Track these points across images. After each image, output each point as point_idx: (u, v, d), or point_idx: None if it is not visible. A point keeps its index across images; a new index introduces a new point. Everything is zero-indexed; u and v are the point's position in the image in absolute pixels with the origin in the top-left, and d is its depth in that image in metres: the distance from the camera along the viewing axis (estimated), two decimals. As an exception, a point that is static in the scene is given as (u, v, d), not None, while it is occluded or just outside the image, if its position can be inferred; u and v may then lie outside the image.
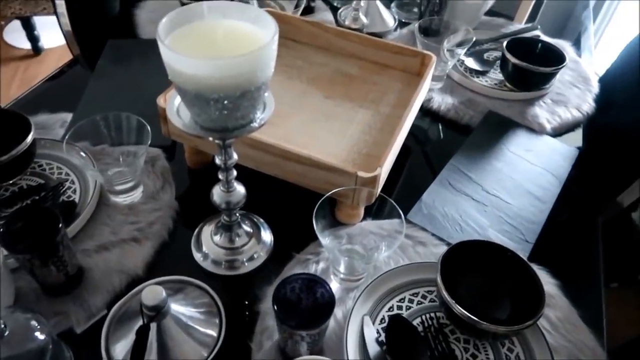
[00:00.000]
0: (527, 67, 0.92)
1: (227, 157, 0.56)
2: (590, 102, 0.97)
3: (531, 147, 0.86)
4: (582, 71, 1.04)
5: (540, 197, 0.78)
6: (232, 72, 0.43)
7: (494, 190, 0.78)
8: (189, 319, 0.54)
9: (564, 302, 0.64)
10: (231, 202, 0.60)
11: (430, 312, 0.61)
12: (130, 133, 0.70)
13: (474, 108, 0.92)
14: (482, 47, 1.06)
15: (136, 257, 0.64)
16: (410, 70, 0.86)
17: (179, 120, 0.50)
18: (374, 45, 0.86)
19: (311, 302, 0.53)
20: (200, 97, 0.45)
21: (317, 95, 0.81)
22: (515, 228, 0.73)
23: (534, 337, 0.58)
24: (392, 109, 0.80)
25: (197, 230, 0.68)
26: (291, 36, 0.91)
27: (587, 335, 0.61)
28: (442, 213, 0.73)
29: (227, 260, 0.65)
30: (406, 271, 0.64)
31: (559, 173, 0.82)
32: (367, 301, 0.61)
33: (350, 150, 0.72)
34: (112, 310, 0.56)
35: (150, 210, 0.69)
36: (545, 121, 0.91)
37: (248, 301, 0.62)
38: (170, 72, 0.45)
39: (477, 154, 0.84)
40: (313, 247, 0.67)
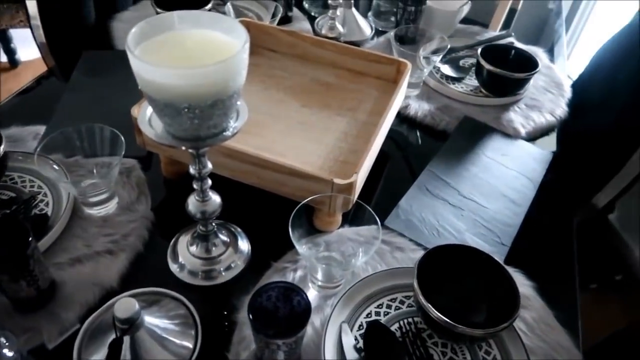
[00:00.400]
0: (501, 73, 0.93)
1: (201, 167, 0.55)
2: (564, 106, 0.99)
3: (506, 151, 0.87)
4: (555, 77, 1.06)
5: (516, 201, 0.79)
6: (202, 81, 0.43)
7: (471, 194, 0.79)
8: (164, 331, 0.54)
9: (540, 303, 0.65)
10: (207, 212, 0.60)
11: (408, 317, 0.61)
12: (104, 144, 0.69)
13: (450, 114, 0.93)
14: (457, 55, 1.08)
15: (110, 269, 0.63)
16: (386, 78, 0.87)
17: (150, 130, 0.50)
18: (350, 54, 0.87)
19: (287, 311, 0.52)
20: (170, 106, 0.44)
21: (294, 104, 0.81)
22: (491, 231, 0.73)
23: (511, 339, 0.59)
24: (369, 116, 0.80)
25: (173, 241, 0.67)
26: (268, 46, 0.92)
27: (562, 336, 0.62)
28: (420, 218, 0.74)
29: (204, 270, 0.65)
30: (384, 277, 0.64)
31: (534, 176, 0.84)
32: (345, 308, 0.61)
33: (327, 158, 0.72)
34: (85, 324, 0.55)
35: (125, 221, 0.69)
36: (520, 126, 0.93)
37: (225, 311, 0.61)
38: (140, 82, 0.44)
39: (453, 159, 0.85)
40: (291, 255, 0.67)
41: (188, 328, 0.56)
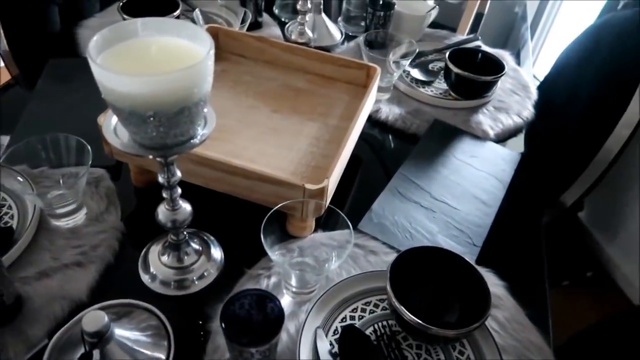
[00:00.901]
0: (469, 76, 0.95)
1: (170, 175, 0.55)
2: (530, 108, 1.01)
3: (476, 153, 0.89)
4: (522, 79, 1.09)
5: (486, 201, 0.80)
6: (166, 89, 0.42)
7: (442, 196, 0.80)
8: (135, 343, 0.53)
9: (511, 302, 0.66)
10: (177, 221, 0.59)
11: (383, 321, 0.61)
12: (70, 154, 0.67)
13: (421, 117, 0.94)
14: (426, 58, 1.09)
15: (79, 282, 0.61)
16: (356, 83, 0.87)
17: (116, 139, 0.49)
18: (320, 59, 0.87)
19: (261, 318, 0.52)
20: (135, 115, 0.44)
21: (264, 110, 0.81)
22: (463, 232, 0.74)
23: (484, 338, 0.60)
24: (340, 120, 0.80)
25: (144, 251, 0.66)
26: (238, 51, 0.91)
27: (534, 334, 0.63)
28: (392, 221, 0.74)
29: (176, 280, 0.64)
30: (358, 281, 0.64)
31: (503, 177, 0.85)
32: (320, 313, 0.61)
33: (299, 163, 0.72)
34: (53, 340, 0.54)
35: (94, 232, 0.67)
36: (489, 128, 0.94)
37: (198, 321, 0.60)
38: (103, 91, 0.44)
39: (424, 162, 0.86)
40: (264, 261, 0.67)
41: (160, 339, 0.55)
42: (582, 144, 0.98)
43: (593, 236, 1.77)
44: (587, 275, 1.72)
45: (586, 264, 1.75)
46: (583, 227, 1.81)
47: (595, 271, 1.74)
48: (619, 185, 1.64)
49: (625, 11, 1.07)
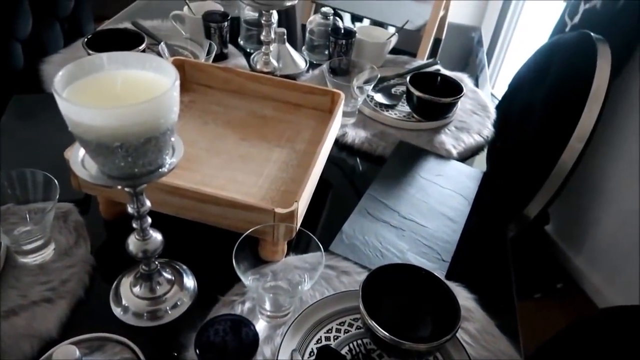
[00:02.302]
0: (430, 98, 0.99)
1: (139, 205, 0.55)
2: (490, 127, 1.06)
3: (441, 171, 0.92)
4: (481, 100, 1.14)
5: (453, 218, 0.83)
6: (132, 120, 0.43)
7: (410, 215, 0.82)
8: (109, 377, 0.52)
9: (482, 314, 0.68)
10: (148, 251, 0.59)
11: (358, 339, 0.62)
12: (37, 189, 0.67)
13: (386, 139, 0.97)
14: (389, 83, 1.13)
15: (49, 318, 0.60)
16: (321, 108, 0.90)
17: (84, 171, 0.49)
18: (285, 87, 0.90)
19: (236, 343, 0.52)
20: (102, 146, 0.44)
21: (232, 138, 0.83)
22: (431, 249, 0.76)
23: (456, 351, 0.61)
24: (307, 145, 0.82)
25: (115, 284, 0.66)
26: (204, 82, 0.93)
27: (504, 343, 0.65)
28: (363, 241, 0.76)
29: (149, 310, 0.63)
30: (331, 302, 0.65)
31: (467, 194, 0.88)
32: (295, 336, 0.61)
33: (269, 189, 0.73)
34: (22, 379, 0.53)
35: (63, 267, 0.66)
36: (452, 147, 0.98)
37: (173, 350, 0.60)
38: (70, 124, 0.44)
39: (391, 182, 0.88)
40: (238, 287, 0.67)
41: (134, 372, 0.54)
42: (539, 158, 1.03)
43: (560, 248, 1.82)
44: (557, 287, 1.77)
45: (556, 276, 1.80)
46: (550, 239, 1.86)
47: (565, 282, 1.79)
48: (582, 198, 1.70)
49: (572, 33, 1.14)
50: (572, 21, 1.46)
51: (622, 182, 1.53)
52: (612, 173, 1.56)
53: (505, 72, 2.24)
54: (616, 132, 1.50)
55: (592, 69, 0.95)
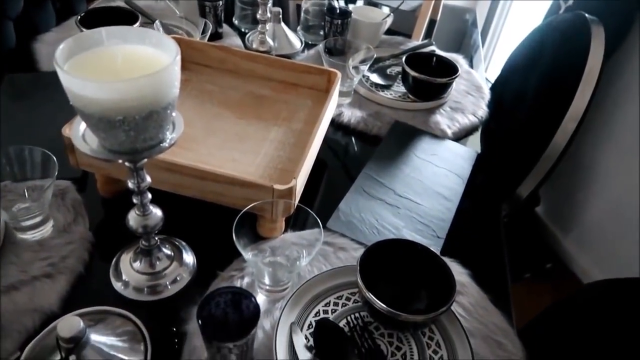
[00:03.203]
0: (426, 78, 0.99)
1: (139, 180, 0.55)
2: (484, 107, 1.07)
3: (435, 151, 0.93)
4: (475, 81, 1.14)
5: (447, 196, 0.84)
6: (134, 94, 0.44)
7: (405, 193, 0.83)
8: (111, 349, 0.53)
9: (475, 289, 0.69)
10: (148, 226, 0.60)
11: (355, 313, 0.63)
12: (35, 167, 0.67)
13: (382, 119, 0.98)
14: (384, 64, 1.13)
15: (49, 293, 0.61)
16: (318, 88, 0.90)
17: (85, 145, 0.50)
18: (281, 66, 0.90)
19: (237, 314, 0.53)
20: (104, 120, 0.45)
21: (229, 118, 0.83)
22: (427, 226, 0.78)
23: (451, 324, 0.62)
24: (304, 125, 0.83)
25: (115, 259, 0.66)
26: (199, 61, 0.92)
27: (498, 317, 0.66)
28: (359, 219, 0.77)
29: (149, 285, 0.64)
30: (329, 277, 0.66)
31: (462, 173, 0.89)
32: (294, 309, 0.62)
33: (266, 167, 0.74)
34: (26, 351, 0.53)
35: (63, 244, 0.67)
36: (446, 127, 0.99)
37: (174, 323, 0.61)
38: (72, 98, 0.44)
39: (387, 162, 0.89)
40: (237, 263, 0.68)
41: (136, 343, 0.55)
42: (532, 138, 1.04)
43: (550, 229, 1.85)
44: (546, 267, 1.80)
45: (545, 257, 1.83)
46: (541, 221, 1.89)
47: (554, 263, 1.82)
48: (572, 181, 1.72)
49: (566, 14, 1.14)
50: (567, 3, 1.46)
51: (611, 166, 1.55)
52: (602, 157, 1.58)
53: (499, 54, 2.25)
54: (608, 114, 1.52)
55: (586, 50, 0.96)
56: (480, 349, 0.62)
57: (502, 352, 0.62)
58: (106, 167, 0.69)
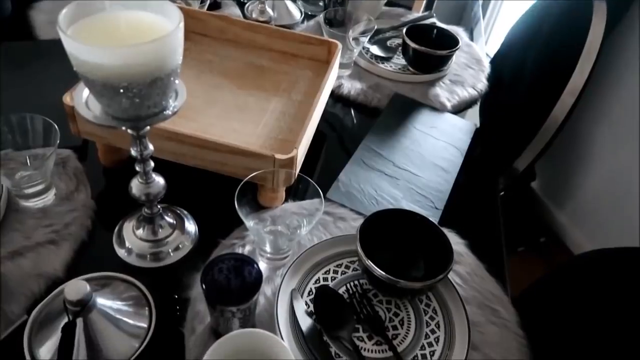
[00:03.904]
0: (426, 51, 0.99)
1: (142, 148, 0.56)
2: (484, 80, 1.06)
3: (434, 124, 0.93)
4: (475, 53, 1.14)
5: (445, 168, 0.85)
6: (139, 60, 0.44)
7: (404, 164, 0.84)
8: (117, 312, 0.54)
9: (472, 258, 0.71)
10: (151, 194, 0.60)
11: (354, 280, 0.65)
12: (37, 135, 0.67)
13: (381, 92, 0.98)
14: (384, 35, 1.13)
15: (54, 259, 0.62)
16: (318, 59, 0.89)
17: (89, 112, 0.50)
18: (281, 37, 0.89)
19: (240, 280, 0.54)
20: (108, 86, 0.45)
21: (229, 88, 0.83)
22: (425, 197, 0.79)
23: (447, 291, 0.64)
24: (304, 96, 0.83)
25: (118, 227, 0.67)
26: (199, 30, 0.92)
27: (493, 285, 0.68)
28: (359, 189, 0.78)
29: (151, 252, 0.65)
30: (329, 245, 0.67)
31: (460, 146, 0.90)
32: (294, 277, 0.64)
33: (267, 137, 0.74)
34: (33, 313, 0.55)
35: (65, 211, 0.67)
36: (446, 100, 0.99)
37: (177, 290, 0.62)
38: (76, 63, 0.44)
39: (386, 134, 0.89)
40: (238, 232, 0.69)
41: (141, 308, 0.57)
42: (531, 112, 1.05)
43: (545, 204, 1.87)
44: (540, 241, 1.83)
45: (539, 231, 1.86)
46: (536, 195, 1.91)
47: (548, 237, 1.84)
48: (568, 157, 1.74)
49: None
50: (568, -24, 1.44)
51: (607, 142, 1.56)
52: (598, 133, 1.59)
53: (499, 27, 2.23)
54: (605, 90, 1.52)
55: (586, 25, 0.96)
56: (475, 316, 0.63)
57: (496, 319, 0.64)
58: (107, 135, 0.69)
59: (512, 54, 1.16)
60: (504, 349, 0.61)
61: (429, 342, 0.60)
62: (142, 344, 0.54)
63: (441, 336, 0.60)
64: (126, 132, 0.53)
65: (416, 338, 0.60)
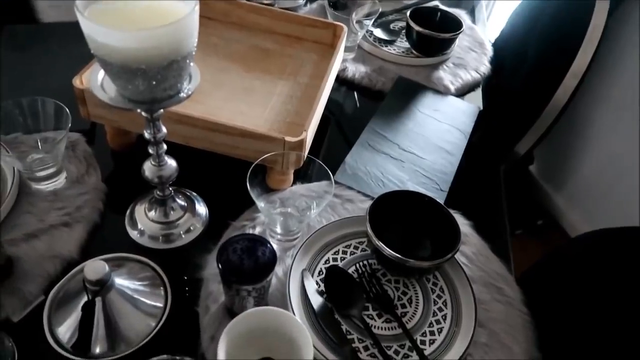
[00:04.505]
0: (430, 34, 0.99)
1: (156, 131, 0.56)
2: (486, 64, 1.07)
3: (438, 107, 0.94)
4: (478, 37, 1.14)
5: (450, 151, 0.86)
6: (157, 43, 0.44)
7: (409, 147, 0.85)
8: (134, 292, 0.55)
9: (477, 239, 0.72)
10: (163, 176, 0.61)
11: (363, 260, 0.66)
12: (47, 118, 0.67)
13: (385, 75, 0.98)
14: (388, 18, 1.13)
15: (68, 241, 0.63)
16: (323, 42, 0.90)
17: (104, 94, 0.50)
18: (286, 19, 0.89)
19: (254, 260, 0.56)
20: (126, 69, 0.45)
21: (236, 71, 0.83)
22: (430, 179, 0.80)
23: (454, 271, 0.66)
24: (310, 79, 0.83)
25: (130, 209, 0.68)
26: (203, 13, 0.89)
27: (497, 265, 0.70)
28: (365, 172, 0.79)
29: (163, 234, 0.66)
30: (337, 226, 0.69)
31: (464, 128, 0.91)
32: (305, 257, 0.65)
33: (275, 120, 0.75)
34: (51, 293, 0.56)
35: (77, 194, 0.68)
36: (449, 83, 0.99)
37: (190, 270, 0.63)
38: (94, 46, 0.45)
39: (391, 117, 0.90)
40: (248, 213, 0.70)
41: (156, 288, 0.58)
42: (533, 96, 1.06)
43: (542, 187, 1.89)
44: (537, 224, 1.85)
45: (537, 213, 1.88)
46: (533, 178, 1.93)
47: (545, 219, 1.87)
48: (565, 140, 1.75)
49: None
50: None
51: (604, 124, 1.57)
52: (596, 115, 1.60)
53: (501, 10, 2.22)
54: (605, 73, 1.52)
55: (590, 7, 0.96)
56: (481, 294, 0.65)
57: (501, 297, 0.66)
58: (118, 119, 0.70)
59: (514, 37, 1.16)
60: (509, 326, 0.63)
61: (436, 319, 0.61)
62: (159, 322, 0.55)
63: (448, 314, 0.62)
64: (139, 115, 0.54)
65: (424, 315, 0.62)
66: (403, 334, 0.59)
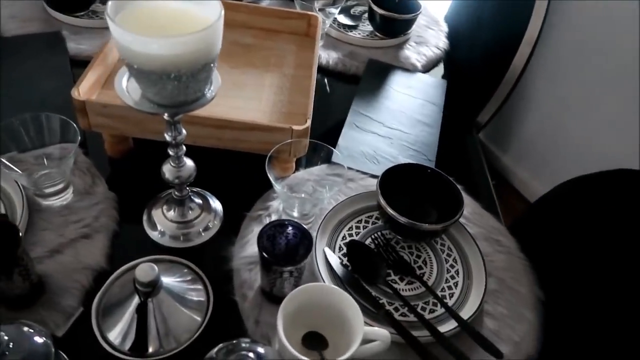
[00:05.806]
0: (392, 16, 1.05)
1: (176, 133, 0.58)
2: (444, 39, 1.14)
3: (410, 84, 1.00)
4: (431, 15, 1.21)
5: (429, 124, 0.92)
6: (193, 48, 0.46)
7: (393, 124, 0.90)
8: (180, 290, 0.57)
9: (469, 200, 0.80)
10: (182, 177, 0.63)
11: (376, 232, 0.71)
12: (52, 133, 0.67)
13: (357, 59, 1.03)
14: (347, 4, 1.17)
15: (92, 252, 0.63)
16: (299, 32, 0.93)
17: (130, 98, 0.51)
18: (262, 13, 0.91)
19: (291, 242, 0.59)
20: (162, 75, 0.47)
21: (222, 67, 0.85)
22: (417, 152, 0.86)
23: (458, 231, 0.72)
24: (295, 69, 0.86)
25: (147, 212, 0.69)
26: (176, 14, 0.91)
27: (492, 220, 0.77)
28: (359, 152, 0.84)
29: (183, 233, 0.68)
30: (348, 204, 0.73)
31: (437, 101, 0.98)
32: (323, 237, 0.69)
33: (272, 112, 0.78)
34: (94, 303, 0.57)
35: (90, 205, 0.68)
36: (416, 61, 1.06)
37: (218, 263, 0.66)
38: (128, 54, 0.46)
39: (370, 98, 0.95)
40: (260, 203, 0.73)
41: (196, 283, 0.60)
42: (487, 73, 1.14)
43: (490, 149, 2.02)
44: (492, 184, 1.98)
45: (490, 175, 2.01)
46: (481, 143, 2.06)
47: (498, 180, 2.01)
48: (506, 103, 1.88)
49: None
50: None
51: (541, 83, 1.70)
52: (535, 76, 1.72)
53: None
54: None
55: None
56: (483, 248, 0.72)
57: (501, 247, 0.73)
58: (120, 126, 0.70)
59: (466, 10, 1.24)
60: (512, 272, 0.70)
61: (451, 275, 0.68)
62: (206, 315, 0.58)
63: (460, 269, 0.69)
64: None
65: (440, 273, 0.68)
66: (425, 293, 0.65)
